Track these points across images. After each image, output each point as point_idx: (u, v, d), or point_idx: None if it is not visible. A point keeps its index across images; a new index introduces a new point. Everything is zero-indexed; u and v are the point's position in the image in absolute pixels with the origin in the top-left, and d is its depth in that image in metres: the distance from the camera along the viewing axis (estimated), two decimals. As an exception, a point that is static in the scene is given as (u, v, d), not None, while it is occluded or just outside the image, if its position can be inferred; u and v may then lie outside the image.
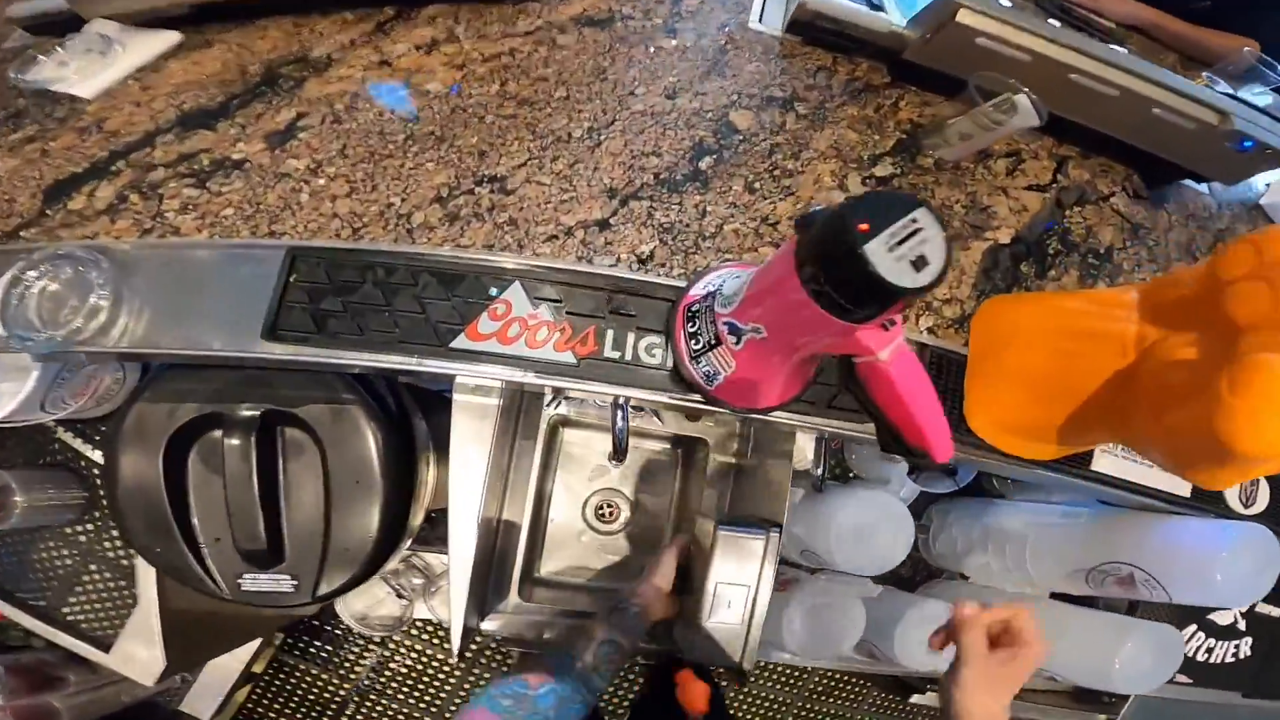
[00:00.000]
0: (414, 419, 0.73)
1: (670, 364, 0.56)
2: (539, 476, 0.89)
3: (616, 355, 0.56)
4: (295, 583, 0.65)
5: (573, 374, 0.55)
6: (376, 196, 0.60)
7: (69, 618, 0.87)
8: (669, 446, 0.92)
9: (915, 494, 0.89)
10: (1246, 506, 0.73)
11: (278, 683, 1.31)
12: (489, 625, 0.77)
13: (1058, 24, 1.06)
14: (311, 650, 1.30)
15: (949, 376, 0.64)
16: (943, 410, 0.44)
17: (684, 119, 0.71)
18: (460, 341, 0.55)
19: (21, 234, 0.61)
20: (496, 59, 0.72)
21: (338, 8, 0.77)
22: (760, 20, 0.87)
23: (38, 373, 0.65)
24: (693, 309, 0.54)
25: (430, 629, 1.29)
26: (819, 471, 0.74)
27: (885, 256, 0.33)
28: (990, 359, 0.63)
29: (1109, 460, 0.67)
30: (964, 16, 0.75)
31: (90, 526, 0.88)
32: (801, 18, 0.82)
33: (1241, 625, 0.94)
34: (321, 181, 0.60)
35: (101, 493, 0.88)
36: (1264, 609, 0.97)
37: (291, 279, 0.56)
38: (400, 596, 1.03)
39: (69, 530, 0.88)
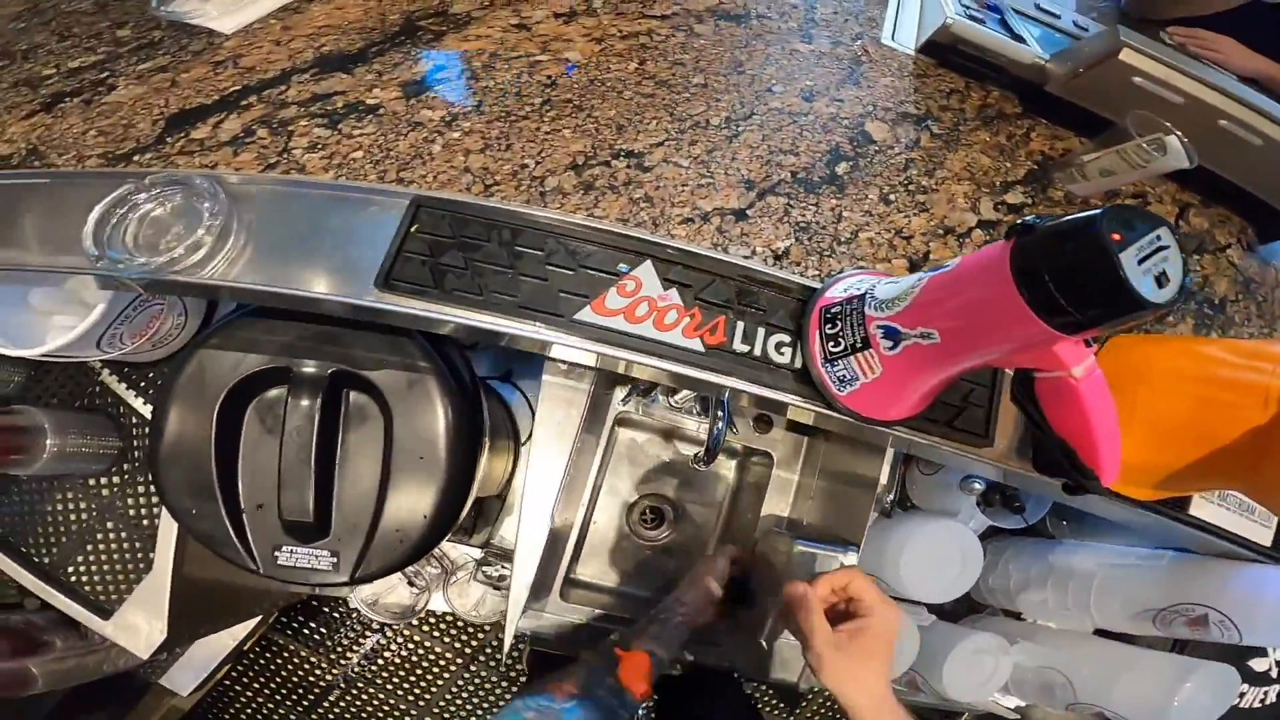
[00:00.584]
0: (483, 401, 0.69)
1: (799, 364, 0.52)
2: (596, 474, 0.85)
3: (745, 349, 0.52)
4: (334, 560, 0.59)
5: (699, 363, 0.51)
6: (510, 156, 0.57)
7: (72, 579, 0.83)
8: (724, 458, 0.90)
9: (984, 526, 0.87)
10: None
11: (262, 661, 1.27)
12: (524, 624, 0.72)
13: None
14: (305, 631, 1.26)
15: None
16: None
17: (821, 122, 0.68)
18: (585, 314, 0.51)
19: (135, 158, 0.59)
20: (634, 38, 0.71)
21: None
22: (892, 37, 0.85)
23: (103, 306, 0.63)
24: (832, 310, 0.51)
25: (433, 620, 1.25)
26: (891, 497, 0.73)
27: (1135, 267, 0.32)
28: (1118, 397, 0.60)
29: (1209, 508, 0.65)
30: (1127, 55, 0.74)
31: (116, 480, 0.84)
32: (941, 40, 0.81)
33: (1274, 673, 0.91)
34: (456, 135, 0.59)
35: (136, 445, 0.85)
36: None
37: (413, 229, 0.53)
38: (413, 585, 1.00)
39: (91, 482, 0.84)
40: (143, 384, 0.83)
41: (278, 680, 1.28)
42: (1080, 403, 0.41)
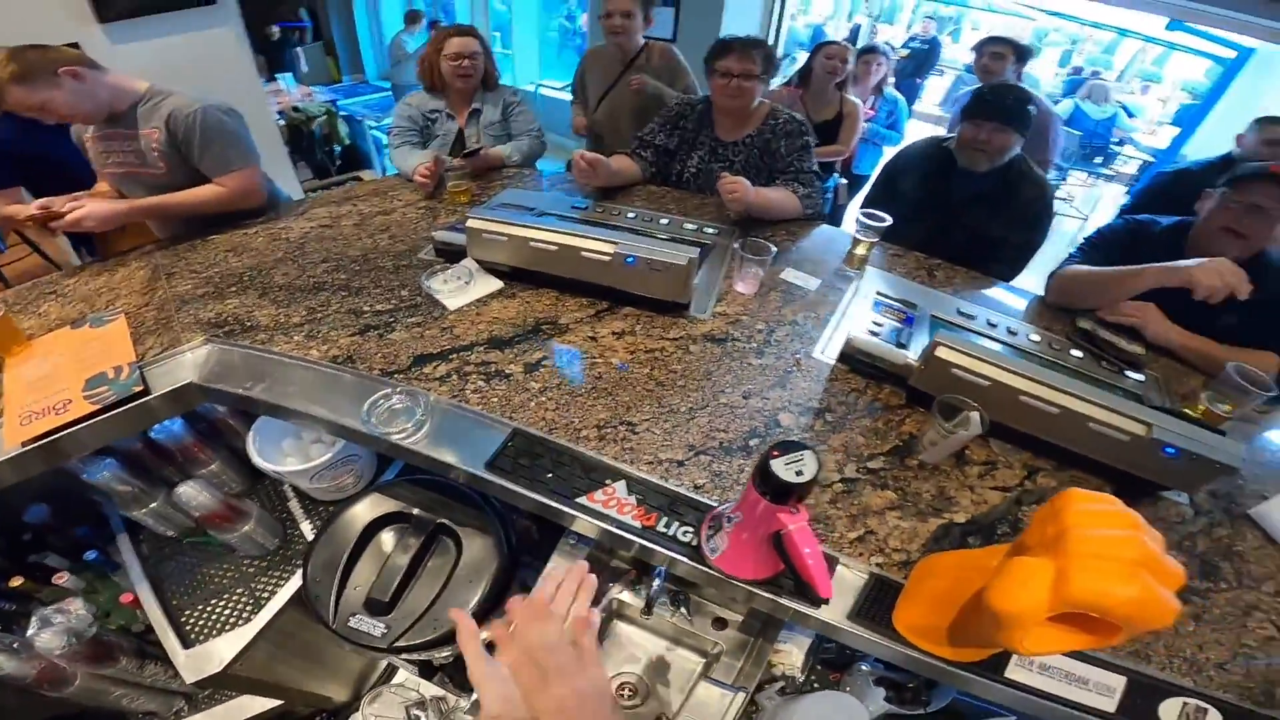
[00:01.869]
0: (520, 562, 1.14)
1: (694, 544, 0.94)
2: None
3: (664, 531, 0.96)
4: (385, 630, 1.00)
5: (636, 534, 0.95)
6: (567, 415, 1.12)
7: (184, 615, 1.19)
8: (695, 654, 1.15)
9: (883, 710, 1.05)
10: None
11: None
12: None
13: (1078, 354, 1.40)
14: None
15: (886, 595, 0.91)
16: (825, 566, 0.74)
17: (749, 413, 1.16)
18: (582, 500, 0.99)
19: (394, 375, 1.19)
20: (653, 352, 1.27)
21: (578, 294, 1.37)
22: (823, 352, 1.34)
23: (328, 456, 1.19)
24: (714, 519, 0.95)
25: None
26: (802, 676, 1.01)
27: (782, 468, 0.71)
28: (915, 587, 0.88)
29: (1023, 672, 0.85)
30: (941, 352, 1.11)
31: (262, 564, 1.28)
32: (848, 350, 1.27)
33: None
34: (543, 399, 1.14)
35: (287, 549, 1.30)
36: None
37: (510, 443, 1.06)
38: None
39: (245, 560, 1.27)
40: (313, 515, 1.36)
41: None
42: (795, 544, 0.74)
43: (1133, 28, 8.51)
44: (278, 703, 1.36)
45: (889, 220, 1.66)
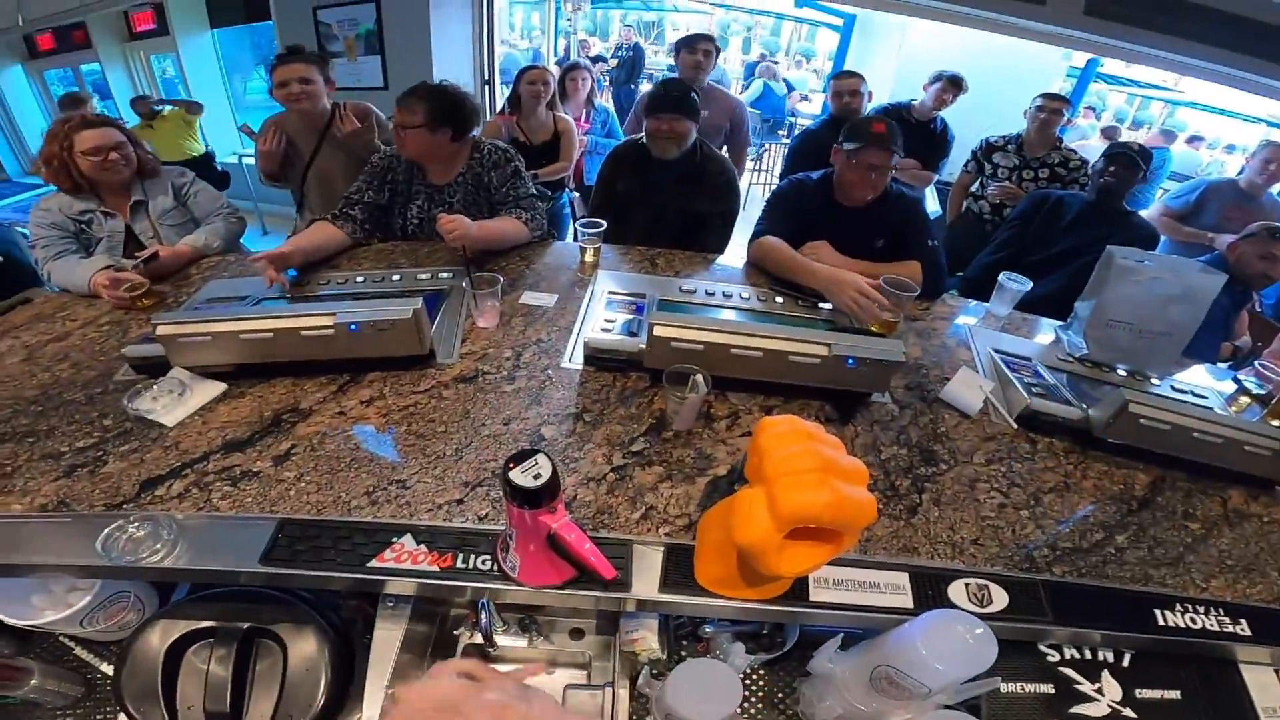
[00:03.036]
0: (358, 638, 1.12)
1: (495, 569, 1.02)
2: None
3: (464, 566, 1.02)
4: None
5: (438, 577, 1.00)
6: (332, 492, 1.13)
7: None
8: (580, 672, 1.21)
9: (749, 662, 1.09)
10: (983, 605, 0.97)
11: None
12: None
13: (780, 299, 1.74)
14: None
15: (683, 559, 1.01)
16: (598, 551, 0.87)
17: (513, 436, 1.28)
18: (372, 564, 1.02)
19: (123, 507, 1.09)
20: (406, 409, 1.33)
21: (317, 374, 1.38)
22: (570, 360, 1.52)
23: (89, 597, 1.07)
24: (503, 539, 1.04)
25: None
26: (665, 654, 1.06)
27: (520, 475, 0.79)
28: (700, 543, 1.00)
29: (825, 591, 0.97)
30: (659, 330, 1.31)
31: (78, 712, 1.14)
32: (589, 353, 1.45)
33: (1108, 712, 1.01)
34: (303, 484, 1.15)
35: (94, 693, 1.15)
36: (1148, 694, 1.02)
37: (280, 535, 1.04)
38: None
39: (56, 711, 1.12)
40: (107, 655, 1.20)
41: None
42: (567, 540, 0.84)
43: (778, 9, 10.43)
44: None
45: (604, 225, 1.91)
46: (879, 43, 6.71)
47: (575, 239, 2.05)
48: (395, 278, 1.77)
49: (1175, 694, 1.01)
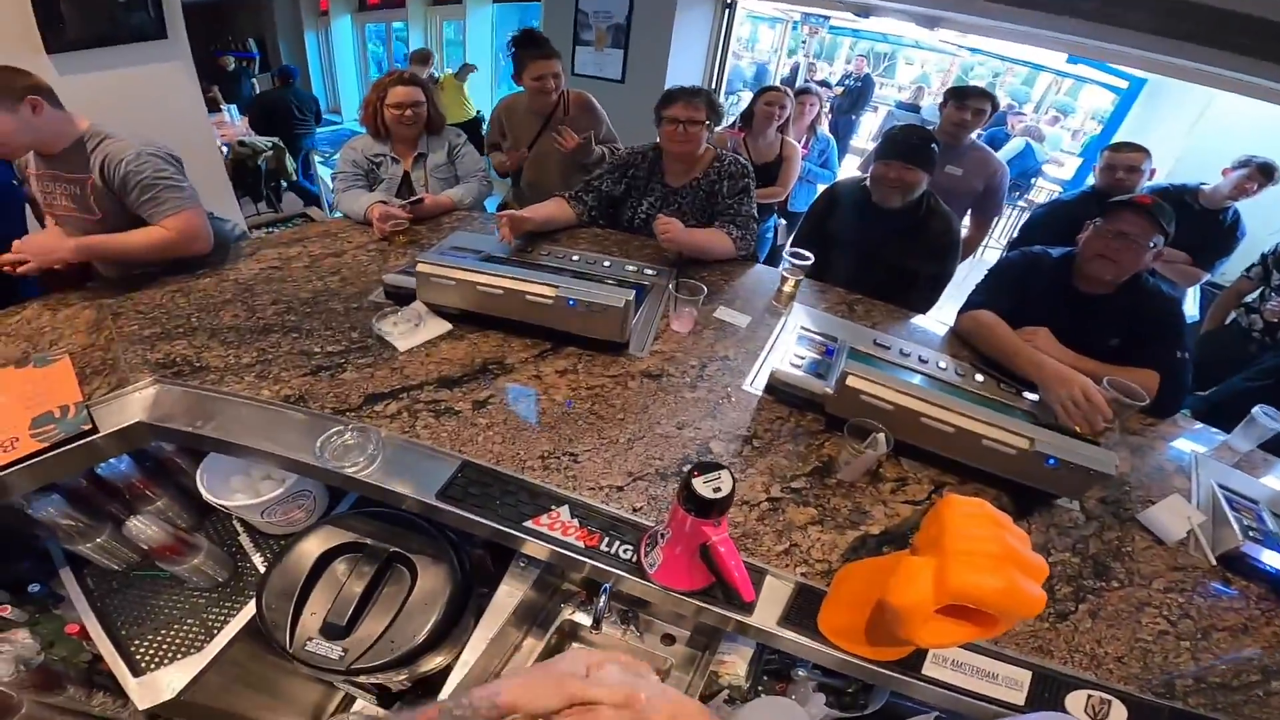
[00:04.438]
0: (474, 588, 1.19)
1: (634, 560, 1.02)
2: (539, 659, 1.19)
3: (607, 549, 1.04)
4: (343, 654, 1.01)
5: (580, 552, 1.03)
6: (513, 448, 1.20)
7: (132, 645, 1.19)
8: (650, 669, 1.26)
9: (824, 714, 1.11)
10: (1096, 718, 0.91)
11: None
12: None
13: (981, 378, 1.56)
14: None
15: (811, 601, 0.98)
16: (746, 573, 0.85)
17: (683, 442, 1.27)
18: (528, 524, 1.06)
19: (347, 413, 1.25)
20: (593, 389, 1.37)
21: (523, 335, 1.46)
22: (751, 384, 1.47)
23: (279, 492, 1.23)
24: (650, 535, 1.05)
25: None
26: (748, 684, 1.05)
27: (702, 485, 0.80)
28: (835, 591, 0.97)
29: (937, 668, 0.92)
30: (851, 380, 1.25)
31: (213, 596, 1.29)
32: (772, 382, 1.40)
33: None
34: (490, 434, 1.22)
35: (238, 581, 1.31)
36: None
37: (460, 474, 1.14)
38: None
39: (195, 593, 1.28)
40: (263, 545, 1.39)
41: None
42: (720, 555, 0.83)
43: (1044, 62, 9.29)
44: None
45: (812, 259, 1.82)
46: (1170, 111, 5.65)
47: (777, 264, 1.97)
48: (605, 264, 1.84)
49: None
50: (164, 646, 1.22)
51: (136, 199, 1.59)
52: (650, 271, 1.84)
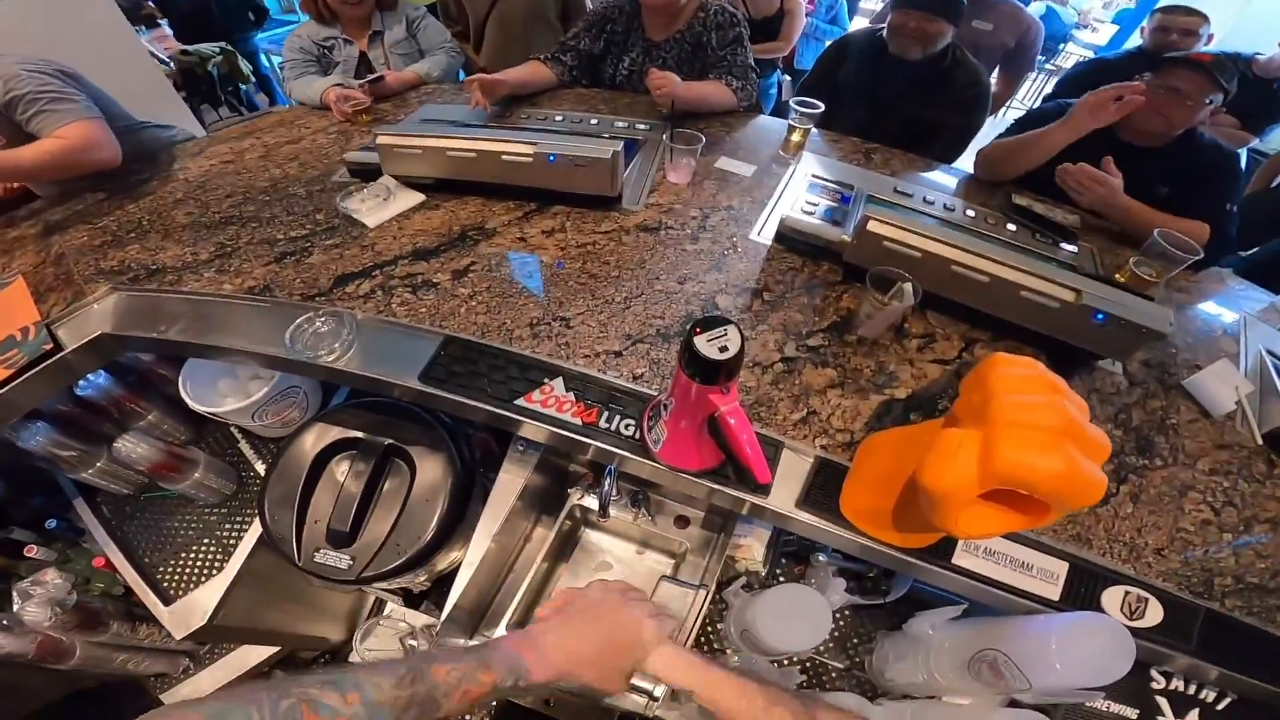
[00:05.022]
0: (478, 475, 1.12)
1: (636, 436, 0.93)
2: (550, 550, 1.12)
3: (606, 426, 0.94)
4: (351, 562, 0.98)
5: (578, 431, 0.93)
6: (499, 317, 1.07)
7: (158, 574, 1.18)
8: (664, 556, 1.18)
9: (846, 601, 1.05)
10: (1132, 618, 0.83)
11: None
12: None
13: (1013, 227, 1.40)
14: None
15: (833, 479, 0.88)
16: (762, 453, 0.73)
17: (685, 298, 1.13)
18: (520, 402, 0.96)
19: (315, 299, 1.12)
20: (584, 247, 1.21)
21: (506, 198, 1.29)
22: (759, 234, 1.30)
23: (266, 389, 1.13)
24: (654, 408, 0.94)
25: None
26: (765, 569, 1.00)
27: (705, 344, 0.64)
28: (859, 468, 0.87)
29: (969, 557, 0.83)
30: (873, 225, 1.10)
31: (223, 511, 1.26)
32: (781, 230, 1.25)
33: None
34: (474, 304, 1.09)
35: (244, 492, 1.27)
36: None
37: (443, 352, 1.02)
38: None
39: (207, 510, 1.26)
40: (265, 452, 1.32)
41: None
42: (730, 429, 0.71)
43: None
44: (276, 650, 1.36)
45: (822, 107, 1.61)
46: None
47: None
48: (593, 121, 1.64)
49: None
50: (187, 570, 1.20)
51: (25, 115, 1.41)
52: (643, 126, 1.63)
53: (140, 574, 1.18)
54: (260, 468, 1.33)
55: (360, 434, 1.09)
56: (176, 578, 1.19)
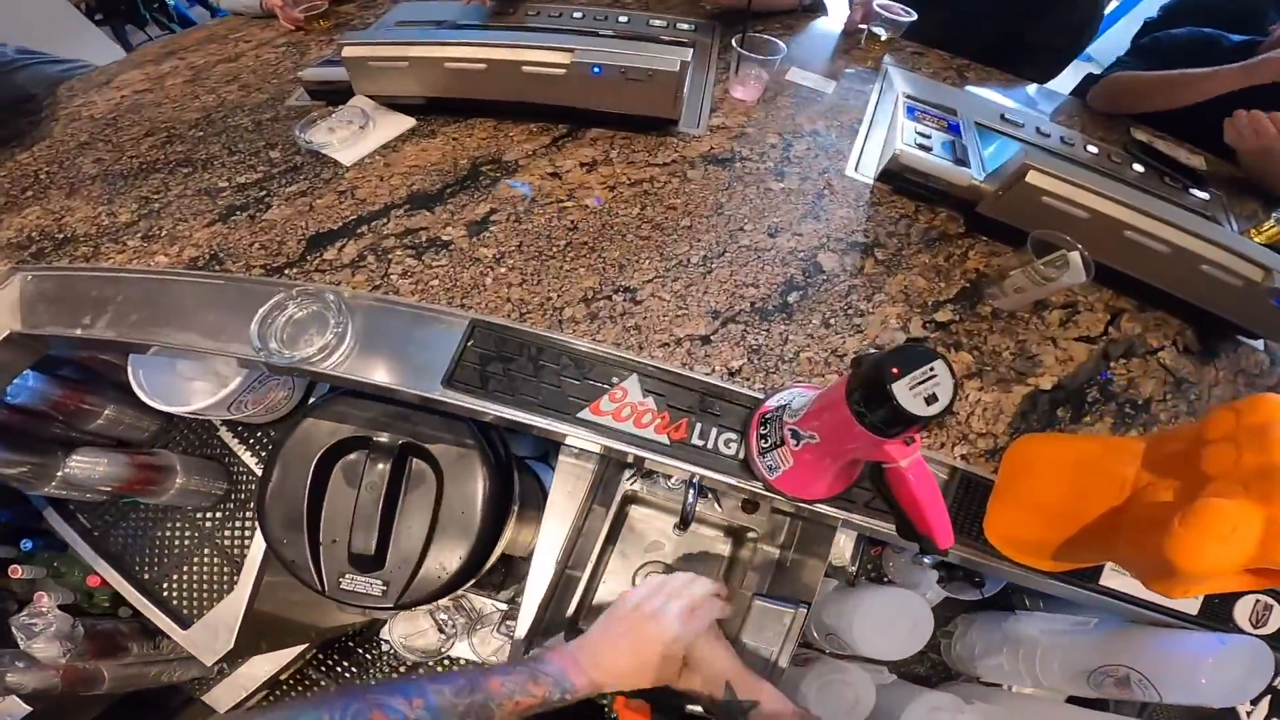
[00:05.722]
0: (515, 474, 0.88)
1: (742, 456, 0.70)
2: (604, 540, 0.94)
3: (701, 444, 0.70)
4: (385, 589, 0.77)
5: (665, 452, 0.69)
6: (540, 289, 0.78)
7: (164, 593, 1.01)
8: (721, 533, 0.99)
9: (941, 598, 0.96)
10: (1257, 626, 0.76)
11: (295, 693, 1.35)
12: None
13: (1140, 168, 1.14)
14: (338, 669, 1.34)
15: (974, 496, 0.72)
16: (946, 510, 0.54)
17: (780, 256, 0.85)
18: (585, 414, 0.70)
19: (285, 271, 0.81)
20: (639, 184, 0.90)
21: (527, 119, 0.96)
22: (856, 169, 1.00)
23: (239, 379, 0.84)
24: (766, 416, 0.68)
25: (458, 666, 1.29)
26: (854, 568, 0.84)
27: (906, 393, 0.46)
28: (1011, 486, 0.72)
29: (1118, 579, 0.73)
30: (1033, 177, 0.86)
31: (218, 516, 1.05)
32: (893, 169, 0.96)
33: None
34: (502, 270, 0.79)
35: (239, 489, 1.04)
36: None
37: (469, 344, 0.74)
38: (442, 631, 1.09)
39: (199, 515, 1.05)
40: (251, 441, 1.05)
41: (304, 711, 1.41)
42: (909, 486, 0.53)
43: None
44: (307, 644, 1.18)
45: (913, 15, 1.30)
46: None
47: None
48: (622, 19, 1.26)
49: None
50: (194, 586, 1.04)
51: None
52: (685, 26, 1.26)
53: (144, 593, 1.00)
54: (249, 459, 1.06)
55: (368, 433, 0.80)
56: (185, 595, 1.02)
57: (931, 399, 0.46)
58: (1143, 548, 0.53)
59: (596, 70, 0.89)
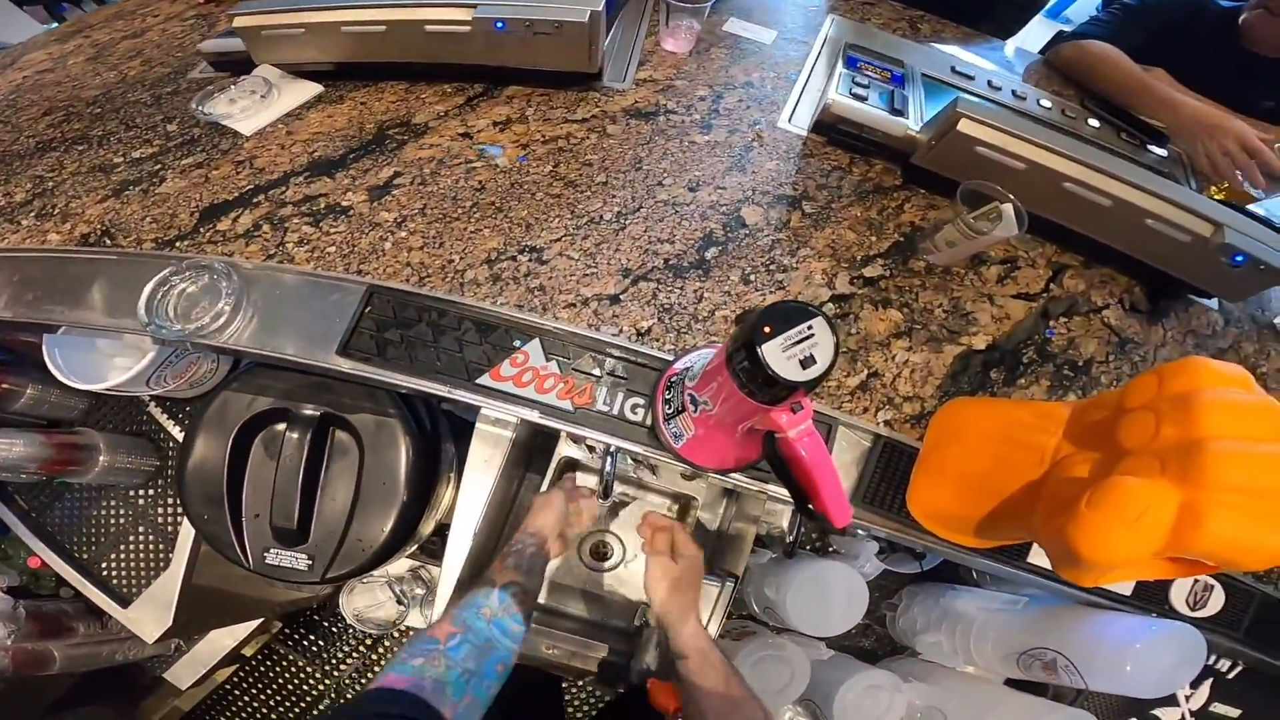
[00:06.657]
0: (444, 443, 0.85)
1: (649, 423, 0.66)
2: None
3: (606, 409, 0.66)
4: (310, 563, 0.75)
5: (569, 419, 0.66)
6: (441, 252, 0.73)
7: (103, 572, 0.99)
8: (669, 501, 0.96)
9: (879, 570, 0.93)
10: (1195, 609, 0.73)
11: (263, 668, 1.37)
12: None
13: (1096, 124, 1.08)
14: (305, 643, 1.36)
15: (898, 465, 0.69)
16: (840, 484, 0.51)
17: (700, 211, 0.80)
18: (485, 379, 0.67)
19: (176, 244, 0.76)
20: (554, 141, 0.85)
21: (442, 80, 0.90)
22: (790, 121, 0.94)
23: (152, 354, 0.79)
24: (672, 380, 0.64)
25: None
26: (790, 538, 0.80)
27: (779, 355, 0.41)
28: (935, 454, 0.68)
29: (1043, 557, 0.69)
30: (965, 126, 0.81)
31: (151, 492, 1.02)
32: (825, 120, 0.91)
33: (1185, 725, 0.93)
34: (403, 234, 0.74)
35: (171, 464, 1.00)
36: (1220, 709, 0.94)
37: (366, 310, 0.69)
38: (400, 603, 1.07)
39: (131, 493, 1.02)
40: (180, 415, 1.02)
41: (275, 686, 1.37)
42: (798, 456, 0.48)
43: None
44: (262, 619, 1.18)
45: None
46: None
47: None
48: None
49: (1236, 712, 0.91)
50: (131, 565, 1.01)
51: None
52: (620, -21, 1.20)
53: (83, 573, 0.98)
54: (179, 434, 1.03)
55: (286, 404, 0.76)
56: (123, 574, 1.00)
57: (809, 361, 0.41)
58: (1053, 529, 0.47)
59: (500, 25, 0.82)
